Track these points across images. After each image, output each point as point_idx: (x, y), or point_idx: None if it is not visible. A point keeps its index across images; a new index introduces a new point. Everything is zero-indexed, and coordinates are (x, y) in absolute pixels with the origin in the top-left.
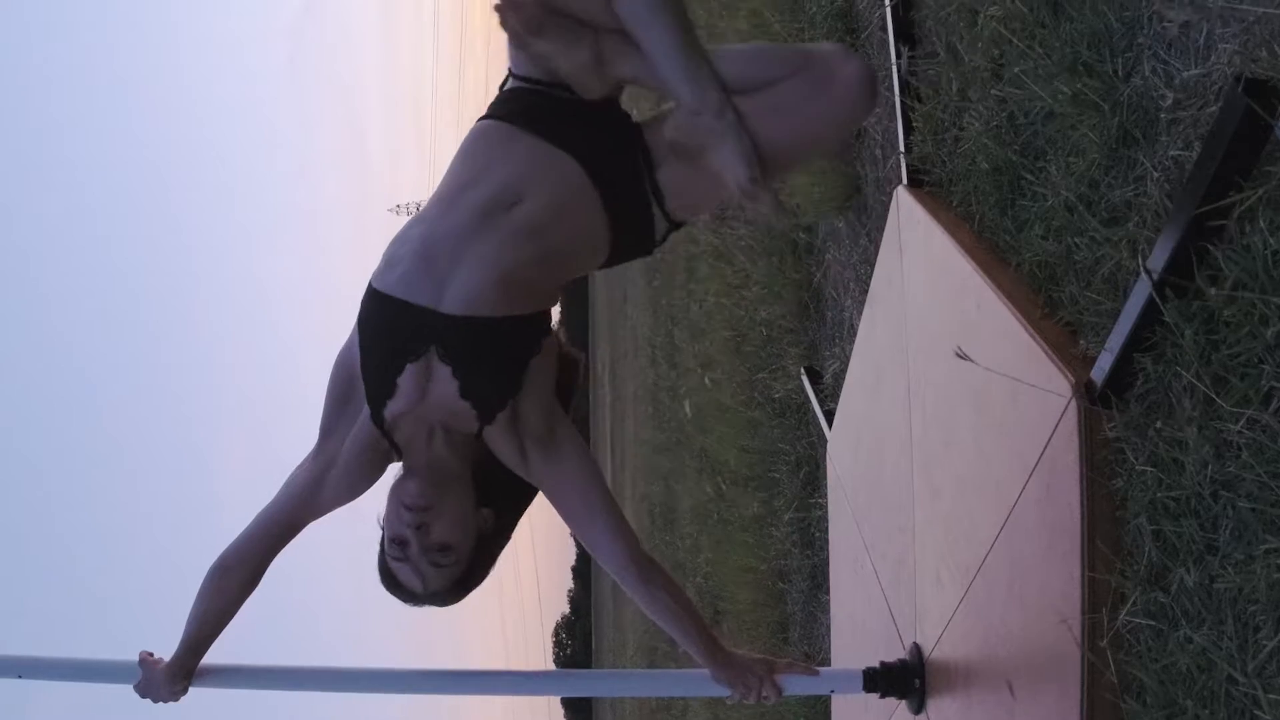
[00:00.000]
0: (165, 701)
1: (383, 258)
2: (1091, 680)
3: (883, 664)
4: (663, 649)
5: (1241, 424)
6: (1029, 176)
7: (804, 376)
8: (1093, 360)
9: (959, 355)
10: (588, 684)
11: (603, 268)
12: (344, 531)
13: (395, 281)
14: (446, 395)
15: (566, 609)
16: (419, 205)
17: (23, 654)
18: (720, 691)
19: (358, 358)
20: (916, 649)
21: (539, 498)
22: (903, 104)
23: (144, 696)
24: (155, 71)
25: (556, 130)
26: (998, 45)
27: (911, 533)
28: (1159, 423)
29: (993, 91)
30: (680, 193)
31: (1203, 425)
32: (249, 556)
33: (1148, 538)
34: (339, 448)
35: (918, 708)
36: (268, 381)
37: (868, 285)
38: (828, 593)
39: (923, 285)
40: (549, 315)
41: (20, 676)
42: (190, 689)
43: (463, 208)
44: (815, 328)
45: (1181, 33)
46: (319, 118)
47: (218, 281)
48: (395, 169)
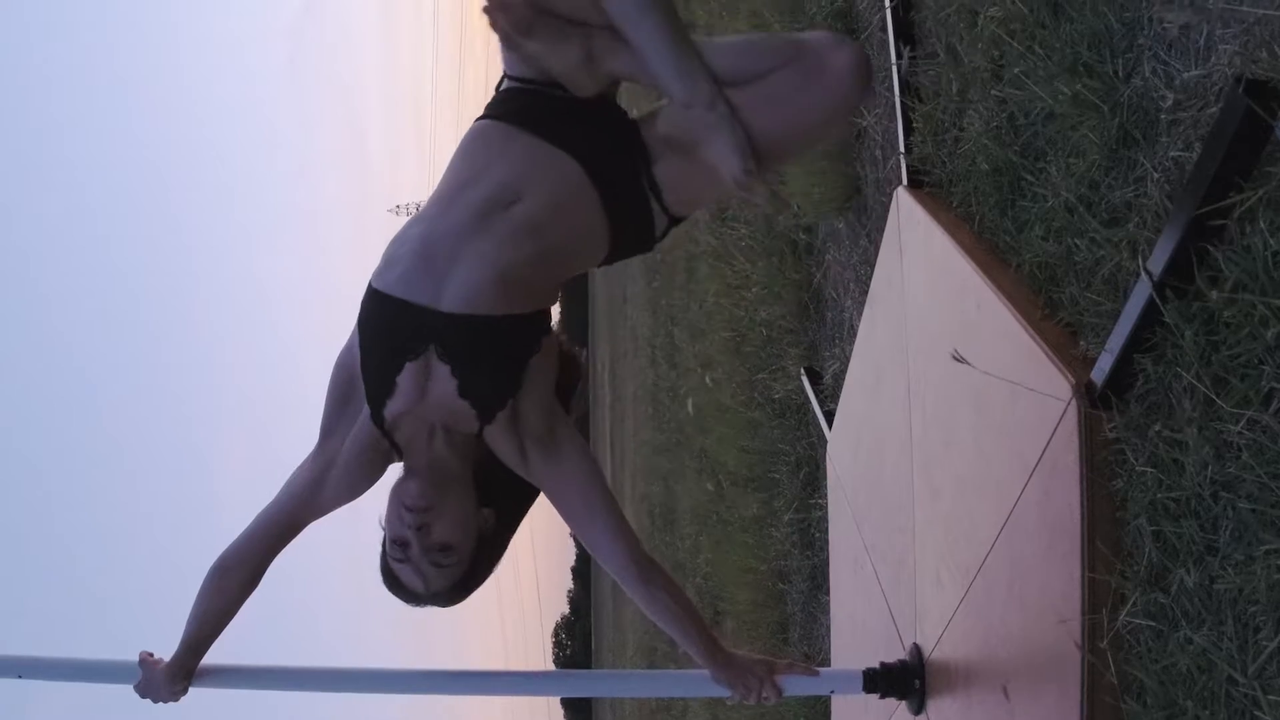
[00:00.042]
0: (165, 701)
1: (382, 257)
2: (1091, 681)
3: (883, 664)
4: (662, 649)
5: (1241, 425)
6: (1029, 177)
7: (804, 377)
8: (1093, 361)
9: (955, 358)
10: (587, 684)
11: (603, 265)
12: (344, 531)
13: (394, 281)
14: (446, 394)
15: (566, 609)
16: (419, 205)
17: (23, 654)
18: (720, 692)
19: (358, 358)
20: (916, 649)
21: (540, 498)
22: (903, 104)
23: (144, 697)
24: (155, 71)
25: (554, 129)
26: (998, 46)
27: (911, 533)
28: (1159, 424)
29: (993, 92)
30: (678, 187)
31: (1203, 426)
32: (249, 556)
33: (1148, 538)
34: (339, 448)
35: (918, 708)
36: (268, 381)
37: (868, 286)
38: (828, 593)
39: (923, 286)
40: (548, 314)
41: (20, 676)
42: (190, 689)
43: (461, 207)
44: (815, 328)
45: (1182, 34)
46: (319, 118)
47: (218, 281)
48: (395, 169)
